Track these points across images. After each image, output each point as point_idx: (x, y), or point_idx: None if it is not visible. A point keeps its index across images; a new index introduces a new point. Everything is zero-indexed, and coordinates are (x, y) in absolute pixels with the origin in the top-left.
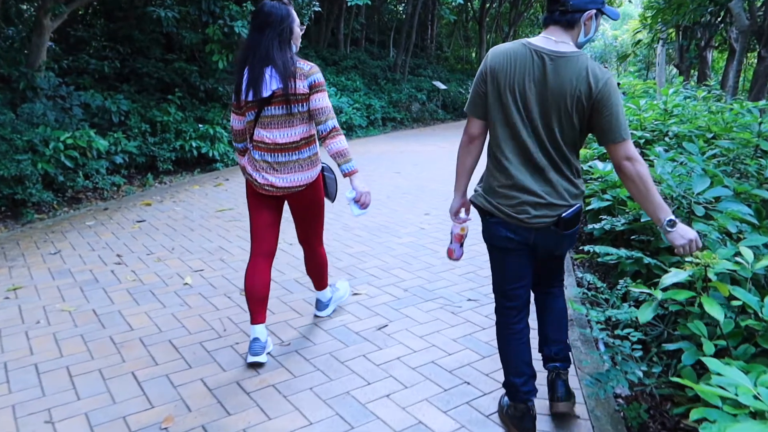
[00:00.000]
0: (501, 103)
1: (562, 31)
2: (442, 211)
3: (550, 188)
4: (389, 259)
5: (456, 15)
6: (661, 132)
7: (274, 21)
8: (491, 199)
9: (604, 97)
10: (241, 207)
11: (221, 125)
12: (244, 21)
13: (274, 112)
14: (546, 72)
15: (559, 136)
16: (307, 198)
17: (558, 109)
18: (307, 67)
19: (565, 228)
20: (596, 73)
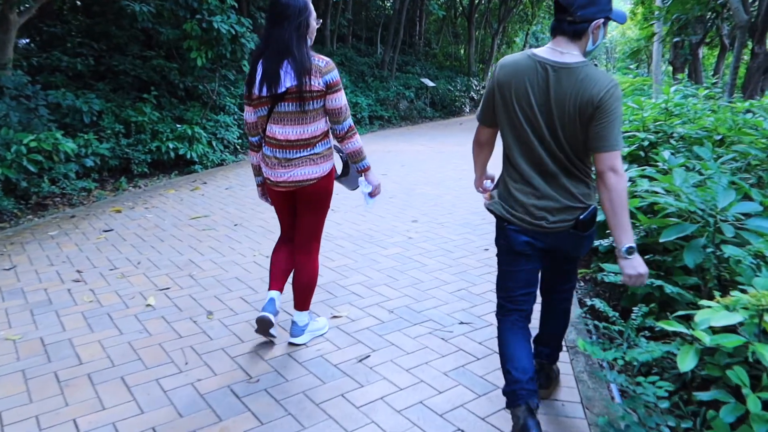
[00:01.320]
0: (509, 115)
1: (568, 42)
2: (431, 217)
3: (565, 192)
4: (373, 274)
5: (445, 11)
6: (666, 133)
7: (292, 14)
8: (508, 207)
9: (607, 105)
10: (216, 214)
11: (200, 125)
12: (223, 16)
13: (287, 108)
14: (549, 83)
15: (566, 144)
16: (315, 192)
17: (562, 118)
18: (323, 63)
19: (584, 229)
20: (600, 80)
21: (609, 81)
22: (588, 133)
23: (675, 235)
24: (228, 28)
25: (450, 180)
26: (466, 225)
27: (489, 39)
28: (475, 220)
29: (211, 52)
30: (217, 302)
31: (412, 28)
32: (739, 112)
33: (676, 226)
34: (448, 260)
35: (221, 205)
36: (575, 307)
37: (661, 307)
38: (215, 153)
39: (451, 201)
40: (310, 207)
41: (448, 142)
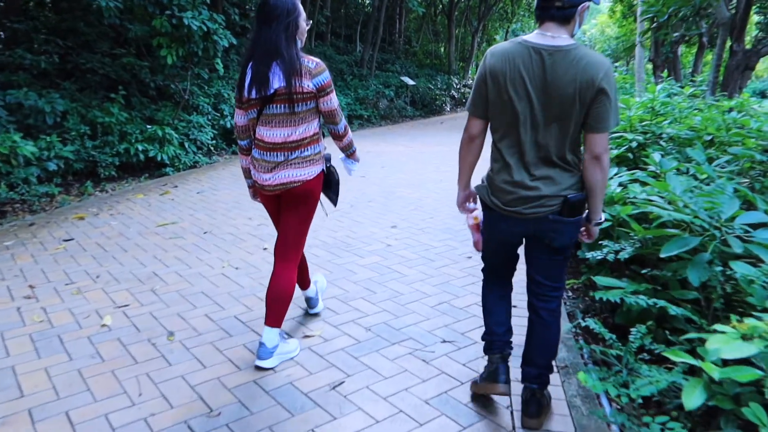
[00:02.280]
0: (503, 102)
1: (558, 26)
2: (411, 222)
3: (545, 179)
4: (350, 286)
5: (425, 8)
6: (654, 134)
7: (280, 14)
8: (491, 193)
9: (605, 86)
10: (186, 220)
11: (172, 126)
12: (195, 12)
13: (276, 110)
14: (545, 68)
15: (559, 130)
16: (300, 195)
17: (561, 103)
18: (313, 65)
19: (570, 213)
20: (598, 61)
21: (605, 62)
22: (588, 114)
23: (677, 249)
24: (199, 24)
25: (431, 182)
26: (448, 230)
27: (469, 37)
28: (456, 225)
29: (182, 50)
30: (180, 321)
31: (392, 25)
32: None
33: (677, 240)
34: (429, 270)
35: (191, 211)
36: (564, 321)
37: (658, 322)
38: (188, 155)
39: (432, 205)
40: (295, 211)
41: (429, 142)
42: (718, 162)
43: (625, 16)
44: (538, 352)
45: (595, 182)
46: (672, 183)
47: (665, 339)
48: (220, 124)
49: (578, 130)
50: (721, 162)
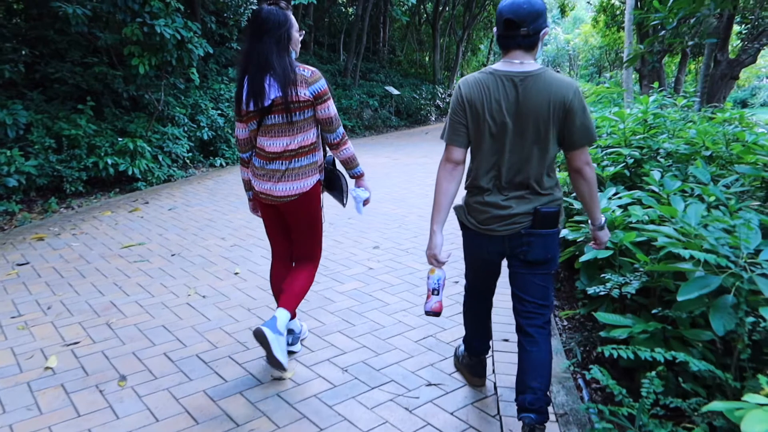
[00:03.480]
0: (480, 130)
1: (524, 53)
2: (394, 242)
3: (517, 199)
4: (326, 317)
5: (409, 17)
6: (651, 149)
7: (271, 27)
8: (467, 213)
9: (577, 104)
10: (153, 241)
11: (145, 138)
12: (168, 19)
13: (274, 120)
14: (518, 94)
15: (537, 152)
16: (301, 208)
17: (536, 126)
18: (308, 73)
19: (542, 224)
20: (566, 82)
21: (573, 82)
22: (564, 133)
23: (697, 291)
24: (172, 32)
25: (415, 197)
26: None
27: (454, 46)
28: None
29: (154, 59)
30: (134, 362)
31: (376, 34)
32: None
33: (696, 280)
34: (413, 297)
35: (160, 230)
36: (561, 357)
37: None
38: (161, 168)
39: (416, 222)
40: (300, 224)
41: (414, 154)
42: (724, 182)
43: (609, 26)
44: (531, 375)
45: (584, 194)
46: (688, 213)
47: (677, 387)
48: (197, 135)
49: (555, 152)
50: (727, 182)
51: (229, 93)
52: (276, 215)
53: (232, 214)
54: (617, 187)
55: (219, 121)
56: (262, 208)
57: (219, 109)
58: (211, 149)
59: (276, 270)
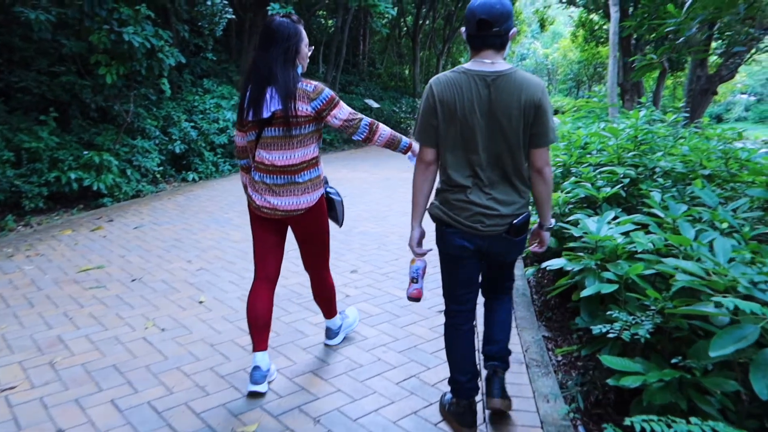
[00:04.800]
0: (454, 129)
1: (495, 53)
2: (373, 265)
3: (501, 200)
4: (298, 355)
5: (389, 29)
6: (647, 168)
7: (279, 38)
8: (448, 210)
9: (544, 103)
10: (114, 263)
11: (112, 151)
12: (137, 27)
13: (274, 133)
14: (490, 93)
15: (508, 151)
16: (308, 222)
17: (508, 124)
18: (311, 88)
19: (516, 234)
20: (535, 81)
21: (541, 82)
22: (531, 130)
23: (733, 346)
24: (142, 40)
25: (395, 215)
26: None
27: (434, 59)
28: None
29: (122, 68)
30: (76, 411)
31: (356, 47)
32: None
33: (730, 332)
34: (393, 329)
35: (123, 252)
36: (560, 401)
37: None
38: (129, 183)
39: (397, 242)
40: (310, 238)
41: (394, 168)
42: (733, 205)
43: (587, 41)
44: (495, 330)
45: (541, 193)
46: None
47: None
48: (169, 148)
49: (524, 150)
50: (736, 206)
51: (203, 105)
52: (274, 231)
53: (202, 233)
54: (614, 210)
55: (192, 134)
56: (258, 223)
57: (192, 122)
58: (183, 163)
59: (257, 292)
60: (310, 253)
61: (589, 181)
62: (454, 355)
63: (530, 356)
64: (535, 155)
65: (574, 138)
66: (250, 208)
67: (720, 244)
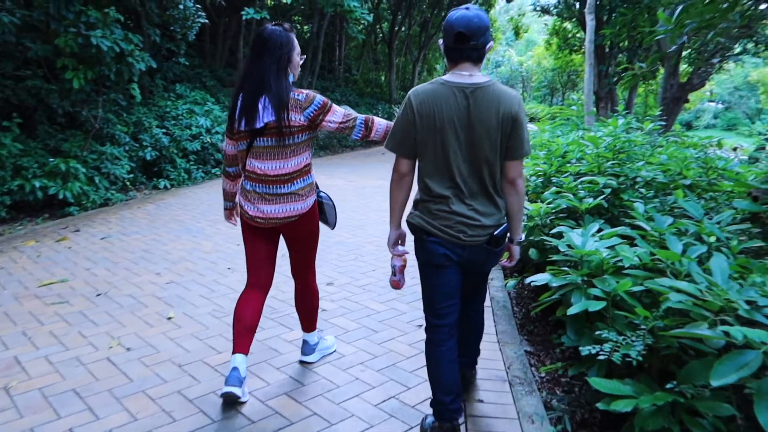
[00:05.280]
0: (433, 141)
1: (473, 65)
2: (349, 277)
3: (482, 211)
4: (272, 375)
5: (365, 35)
6: (628, 177)
7: (272, 47)
8: (430, 220)
9: (521, 116)
10: (78, 277)
11: (80, 158)
12: (106, 31)
13: (266, 143)
14: (469, 104)
15: (486, 163)
16: (301, 229)
17: (487, 136)
18: (302, 97)
19: (496, 245)
20: (512, 94)
21: (518, 95)
22: (508, 142)
23: (735, 374)
24: (111, 44)
25: (372, 224)
26: None
27: (410, 66)
28: None
29: (90, 72)
30: None
31: (332, 53)
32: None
33: (732, 357)
34: (371, 346)
35: (89, 264)
36: (545, 424)
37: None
38: (98, 191)
39: (374, 253)
40: (302, 244)
41: (371, 176)
42: (718, 218)
43: (561, 49)
44: (468, 344)
45: (512, 205)
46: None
47: None
48: (140, 155)
49: (501, 161)
50: (722, 218)
51: (175, 110)
52: (266, 240)
53: (172, 243)
54: (597, 221)
55: (164, 141)
56: (250, 232)
57: (164, 128)
58: (154, 170)
59: (248, 297)
60: (299, 258)
61: (571, 191)
62: (436, 373)
63: (513, 373)
64: (510, 167)
65: (554, 147)
66: (242, 218)
67: (717, 263)
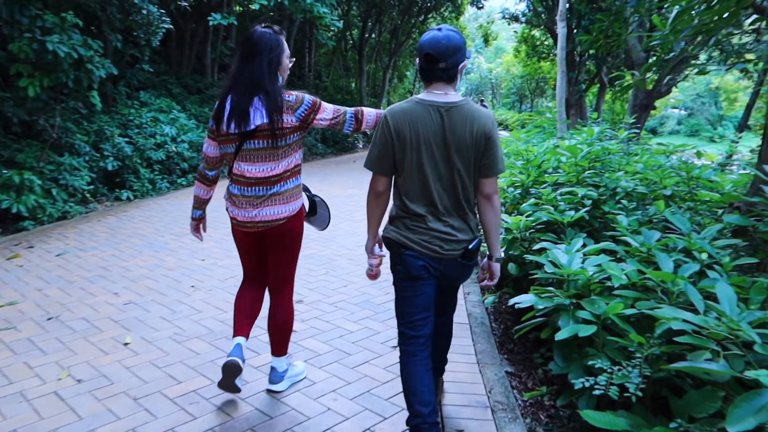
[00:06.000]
0: (409, 159)
1: (445, 84)
2: (320, 294)
3: (457, 226)
4: (237, 409)
5: (335, 42)
6: (608, 188)
7: (263, 49)
8: (408, 234)
9: (494, 135)
10: (29, 298)
11: (36, 170)
12: (63, 36)
13: (257, 145)
14: (444, 123)
15: (461, 180)
16: (285, 232)
17: (462, 154)
18: (293, 99)
19: (469, 259)
20: (486, 113)
21: (491, 114)
22: (482, 160)
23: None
24: (68, 50)
25: (344, 235)
26: (366, 304)
27: (380, 72)
28: (376, 295)
29: (47, 80)
30: None
31: (301, 59)
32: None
33: (748, 400)
34: (344, 371)
35: (41, 284)
36: None
37: None
38: (55, 204)
39: (346, 267)
40: (281, 247)
41: (341, 185)
42: (706, 233)
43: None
44: (436, 347)
45: (489, 221)
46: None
47: None
48: (101, 165)
49: (474, 179)
50: (711, 233)
51: (139, 119)
52: (256, 242)
53: (133, 259)
54: (580, 235)
55: (126, 150)
56: (241, 237)
57: (127, 137)
58: (117, 181)
59: (245, 290)
60: (280, 266)
61: (550, 203)
62: (413, 383)
63: (495, 398)
64: (485, 183)
65: (531, 156)
66: (231, 224)
67: (723, 291)
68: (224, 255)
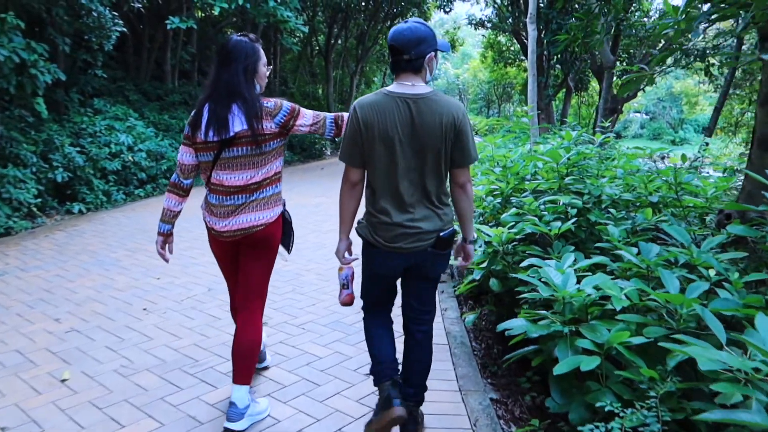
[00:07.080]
0: (377, 151)
1: (413, 75)
2: (286, 315)
3: (420, 217)
4: None
5: (300, 47)
6: (593, 196)
7: (239, 56)
8: (372, 232)
9: (464, 125)
10: None
11: None
12: (3, 38)
13: (237, 153)
14: (412, 114)
15: (429, 171)
16: (261, 239)
17: (430, 145)
18: (271, 105)
19: (443, 248)
20: (454, 103)
21: (460, 104)
22: (454, 150)
23: None
24: (9, 54)
25: (311, 247)
26: (336, 324)
27: (347, 78)
28: (347, 314)
29: None
30: None
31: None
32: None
33: None
34: (312, 405)
35: None
36: None
37: None
38: None
39: (314, 282)
40: (255, 256)
41: (309, 193)
42: (708, 244)
43: (496, 62)
44: (414, 372)
45: (464, 209)
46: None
47: None
48: (49, 177)
49: (444, 169)
50: (713, 244)
51: (92, 127)
52: (232, 253)
53: (80, 279)
54: (568, 248)
55: (78, 160)
56: (218, 247)
57: (79, 146)
58: (68, 193)
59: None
60: (253, 278)
61: (534, 213)
62: (376, 341)
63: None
64: (458, 173)
65: (508, 163)
66: (209, 235)
67: (762, 324)
68: (181, 272)
